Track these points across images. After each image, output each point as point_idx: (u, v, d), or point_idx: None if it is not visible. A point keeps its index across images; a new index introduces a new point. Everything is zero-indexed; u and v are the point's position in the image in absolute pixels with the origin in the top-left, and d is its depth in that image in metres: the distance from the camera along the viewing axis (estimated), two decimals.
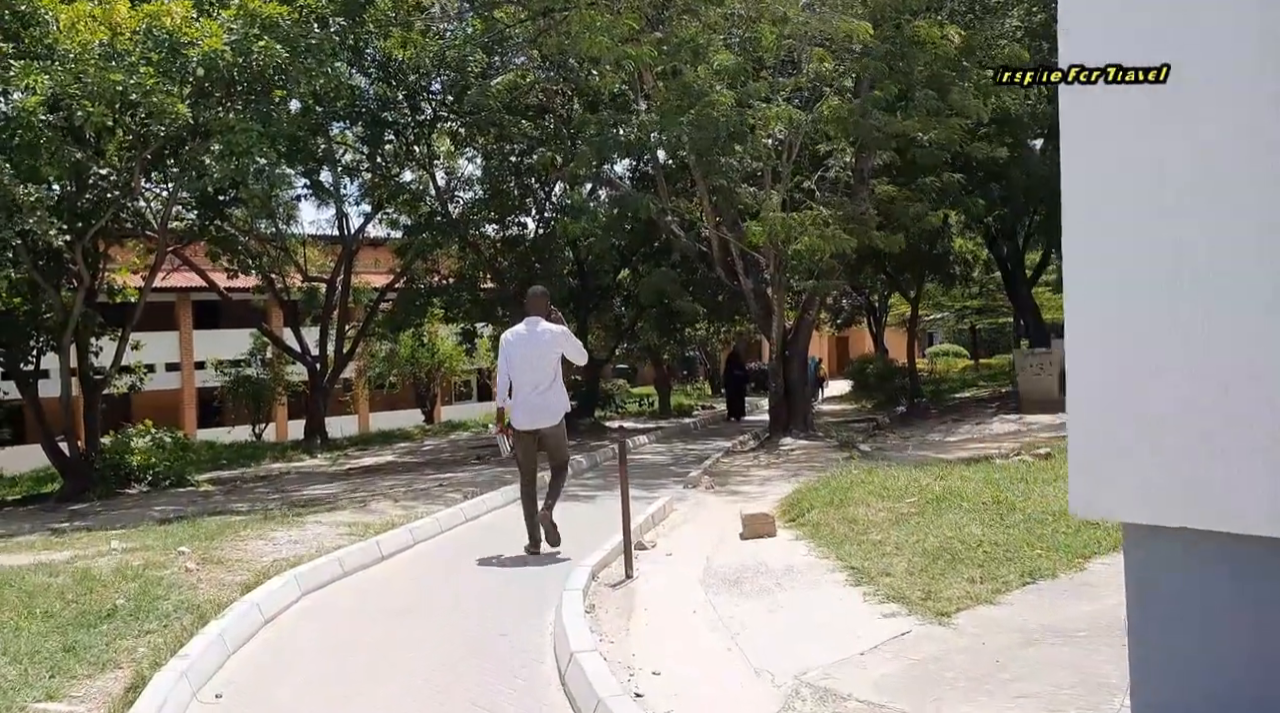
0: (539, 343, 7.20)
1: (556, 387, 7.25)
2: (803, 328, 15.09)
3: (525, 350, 7.22)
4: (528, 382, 7.18)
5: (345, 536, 7.65)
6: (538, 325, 7.27)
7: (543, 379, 7.17)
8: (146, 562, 6.64)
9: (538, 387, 7.17)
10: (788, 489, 10.12)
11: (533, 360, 7.18)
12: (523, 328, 7.33)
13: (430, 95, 17.79)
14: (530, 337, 7.24)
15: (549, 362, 7.21)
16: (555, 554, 7.26)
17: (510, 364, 7.26)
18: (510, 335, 7.41)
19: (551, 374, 7.21)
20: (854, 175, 14.79)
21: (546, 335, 7.22)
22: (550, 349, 7.22)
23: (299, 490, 13.41)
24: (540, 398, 7.19)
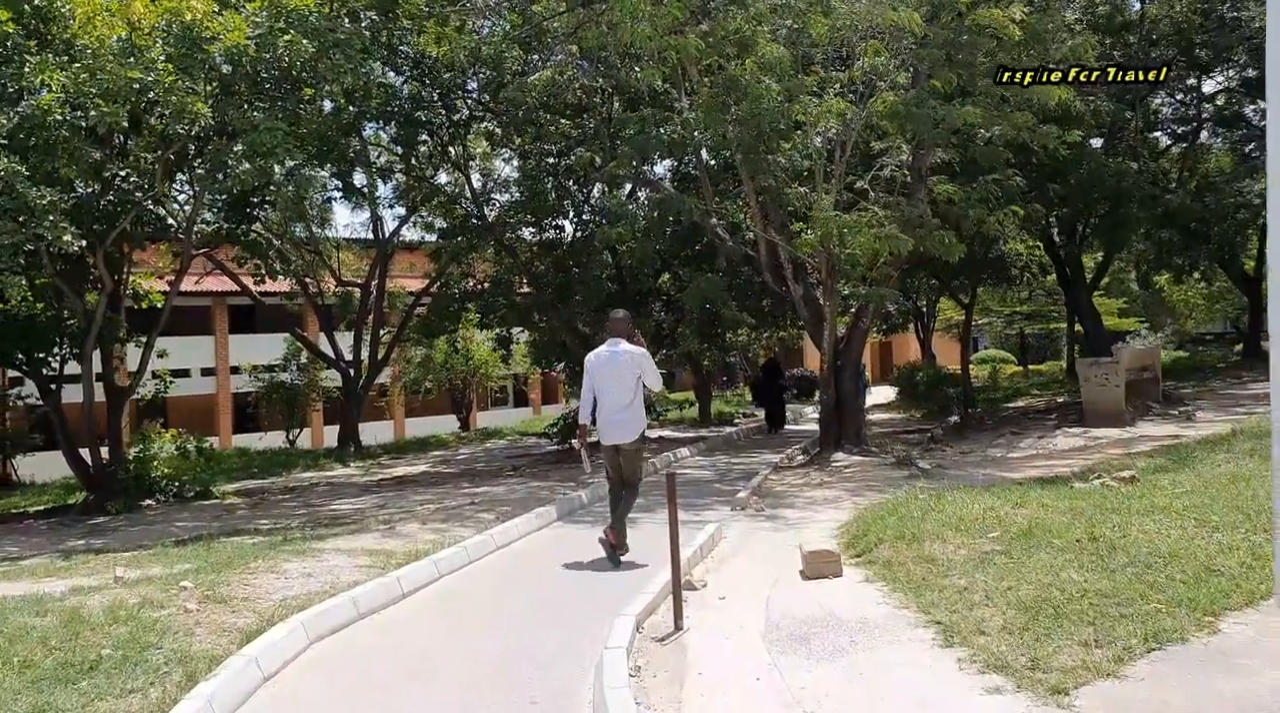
0: (619, 364, 7.47)
1: (636, 406, 7.52)
2: (855, 336, 14.25)
3: (606, 371, 7.50)
4: (609, 401, 7.49)
5: (364, 569, 6.98)
6: (618, 346, 7.53)
7: (622, 399, 7.46)
8: (143, 600, 6.00)
9: (618, 406, 7.47)
10: (845, 514, 9.32)
11: (613, 381, 7.46)
12: (604, 349, 7.61)
13: (466, 94, 17.18)
14: (611, 358, 7.51)
15: (628, 382, 7.47)
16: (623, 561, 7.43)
17: (593, 384, 7.57)
18: (593, 356, 7.69)
19: (631, 394, 7.47)
20: (910, 174, 13.91)
21: (626, 357, 7.47)
22: (629, 370, 7.46)
23: (326, 505, 12.83)
24: (620, 416, 7.49)
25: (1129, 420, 16.89)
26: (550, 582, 7.04)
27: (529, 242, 20.41)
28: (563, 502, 10.32)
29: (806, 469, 13.14)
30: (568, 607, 6.26)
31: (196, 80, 10.84)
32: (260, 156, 11.22)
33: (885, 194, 14.23)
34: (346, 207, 25.75)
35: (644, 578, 6.89)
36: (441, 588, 6.87)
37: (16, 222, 10.08)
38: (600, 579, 7.06)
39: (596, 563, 7.68)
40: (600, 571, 7.37)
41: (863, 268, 13.12)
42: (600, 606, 6.17)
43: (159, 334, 14.26)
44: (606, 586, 6.82)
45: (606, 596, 6.48)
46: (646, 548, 8.07)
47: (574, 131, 16.46)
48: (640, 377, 7.50)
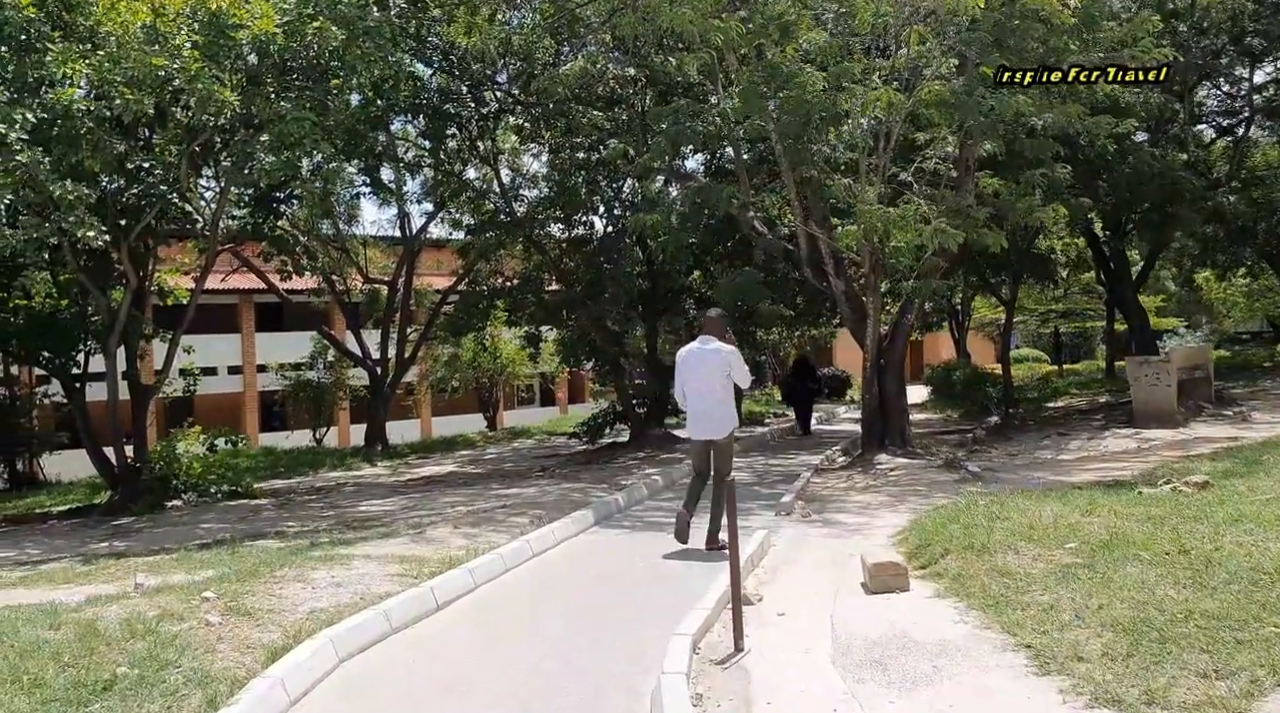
0: (708, 361, 7.62)
1: (726, 403, 7.71)
2: (899, 334, 13.72)
3: (697, 368, 7.67)
4: (699, 397, 7.68)
5: (395, 578, 6.59)
6: (709, 344, 7.68)
7: (713, 395, 7.64)
8: (163, 611, 5.64)
9: (709, 402, 7.65)
10: (899, 520, 8.84)
11: (704, 377, 7.63)
12: (696, 346, 7.79)
13: (495, 86, 16.79)
14: (701, 355, 7.67)
15: (717, 379, 7.62)
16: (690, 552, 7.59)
17: (683, 380, 7.79)
18: (684, 352, 7.89)
19: (720, 391, 7.64)
20: (957, 165, 13.37)
21: (716, 355, 7.62)
22: (719, 368, 7.61)
23: (354, 506, 12.49)
24: (711, 412, 7.66)
25: (1181, 421, 16.26)
26: (592, 593, 6.62)
27: (558, 238, 20.03)
28: (599, 506, 9.90)
29: (849, 472, 12.65)
30: (614, 621, 5.83)
31: (223, 69, 10.52)
32: (287, 148, 10.89)
33: (929, 187, 13.72)
34: (374, 203, 25.47)
35: (690, 588, 6.46)
36: (477, 599, 6.46)
37: (40, 216, 9.80)
38: (646, 590, 6.63)
39: (639, 572, 7.27)
40: (645, 580, 6.95)
41: (908, 262, 12.60)
42: (648, 621, 5.74)
43: (184, 331, 13.98)
44: (653, 597, 6.39)
45: (654, 609, 6.04)
46: (692, 560, 7.64)
47: (607, 123, 16.02)
48: (730, 374, 7.65)
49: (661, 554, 7.95)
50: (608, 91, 16.31)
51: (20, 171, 9.12)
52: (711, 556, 7.58)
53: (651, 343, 20.09)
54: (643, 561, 7.70)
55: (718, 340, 7.70)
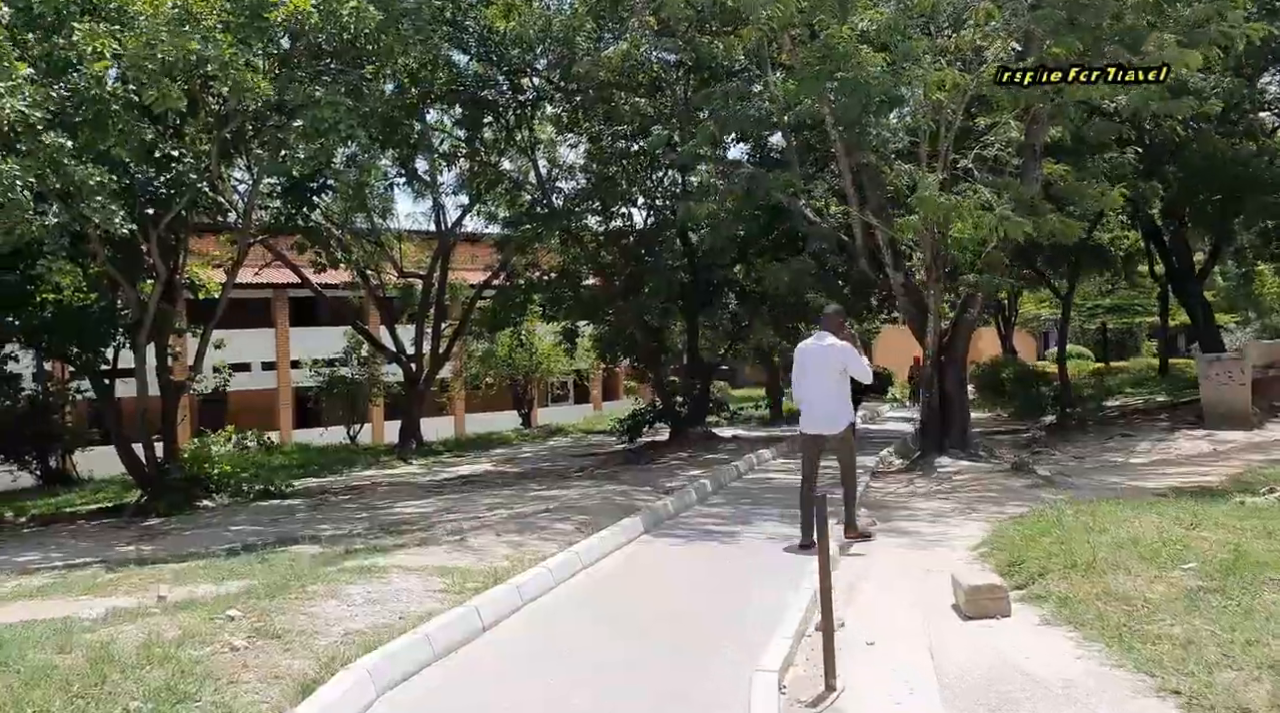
0: (825, 357, 7.69)
1: (840, 398, 7.76)
2: (961, 329, 13.00)
3: (813, 363, 7.75)
4: (814, 392, 7.79)
5: (437, 594, 6.03)
6: (825, 340, 7.76)
7: (828, 390, 7.71)
8: (184, 633, 5.12)
9: (823, 397, 7.74)
10: (975, 530, 8.18)
11: (819, 372, 7.71)
12: (812, 342, 7.91)
13: (534, 73, 16.23)
14: (818, 350, 7.76)
15: (834, 375, 7.67)
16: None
17: (800, 376, 7.89)
18: (802, 348, 8.00)
19: (835, 387, 7.70)
20: (1022, 152, 12.63)
21: (833, 351, 7.68)
22: (835, 363, 7.66)
23: (389, 507, 12.00)
24: (825, 408, 7.75)
25: (1256, 422, 15.44)
26: (650, 613, 6.02)
27: (595, 231, 19.48)
28: (648, 513, 9.31)
29: (909, 476, 11.97)
30: (679, 649, 5.24)
31: (255, 53, 10.04)
32: (321, 134, 10.38)
33: (991, 174, 13.00)
34: (408, 195, 25.08)
35: (766, 618, 5.86)
36: (527, 618, 5.89)
37: (63, 202, 9.37)
38: (710, 611, 6.02)
39: (699, 588, 6.67)
40: (707, 598, 6.35)
41: (971, 254, 11.91)
42: (718, 649, 5.15)
43: (216, 326, 13.56)
44: (720, 620, 5.79)
45: (722, 634, 5.45)
46: (756, 574, 7.04)
47: (650, 109, 15.40)
48: (846, 369, 7.67)
49: (722, 566, 7.36)
50: (650, 78, 15.69)
51: (43, 154, 8.68)
52: (769, 574, 6.99)
53: (692, 339, 19.48)
54: (701, 574, 7.11)
55: (833, 336, 7.77)
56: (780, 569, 7.12)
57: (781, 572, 7.01)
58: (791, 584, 6.49)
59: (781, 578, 6.79)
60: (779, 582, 6.67)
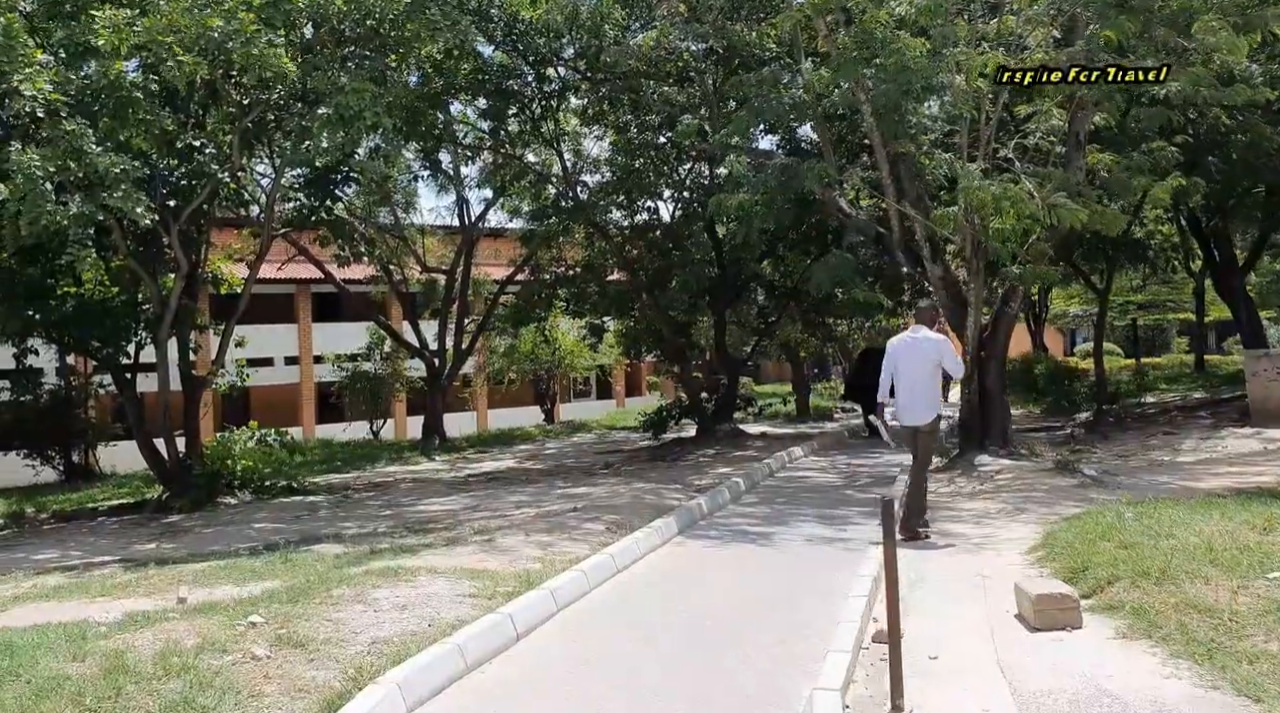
0: (920, 350, 7.85)
1: (931, 390, 7.92)
2: (1002, 324, 12.57)
3: (908, 356, 7.88)
4: (907, 384, 7.88)
5: (467, 599, 5.74)
6: (920, 333, 7.96)
7: (921, 383, 7.85)
8: (203, 640, 4.85)
9: (917, 389, 7.86)
10: (1026, 533, 7.81)
11: (912, 365, 7.84)
12: (907, 335, 8.06)
13: (560, 62, 15.90)
14: (913, 344, 7.91)
15: (926, 368, 7.84)
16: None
17: (894, 367, 7.94)
18: (896, 341, 8.10)
19: (927, 379, 7.86)
20: (1068, 140, 12.19)
21: (927, 344, 7.87)
22: (929, 356, 7.83)
23: (414, 505, 11.76)
24: (915, 399, 7.88)
25: None
26: (693, 622, 5.70)
27: (621, 225, 19.15)
28: (682, 513, 8.99)
29: (949, 475, 11.57)
30: (728, 662, 4.92)
31: (278, 35, 9.78)
32: (346, 122, 10.12)
33: (1032, 164, 12.57)
34: (431, 189, 24.88)
35: (808, 619, 5.54)
36: (561, 626, 5.59)
37: (86, 191, 9.14)
38: (754, 619, 5.69)
39: (740, 594, 6.34)
40: (750, 606, 6.02)
41: (1013, 246, 11.47)
42: (767, 662, 4.82)
43: (238, 321, 13.35)
44: (766, 629, 5.46)
45: (770, 645, 5.13)
46: (800, 582, 6.70)
47: (679, 98, 15.04)
48: (939, 362, 7.83)
49: (761, 570, 7.03)
50: (679, 67, 15.32)
51: (65, 141, 8.45)
52: (815, 570, 6.65)
53: (720, 334, 19.13)
54: (740, 580, 6.78)
55: (927, 329, 8.00)
56: (823, 574, 6.78)
57: (825, 577, 6.68)
58: (838, 591, 6.16)
59: (826, 584, 6.46)
60: (823, 588, 6.35)
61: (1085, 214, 10.30)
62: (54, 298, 12.10)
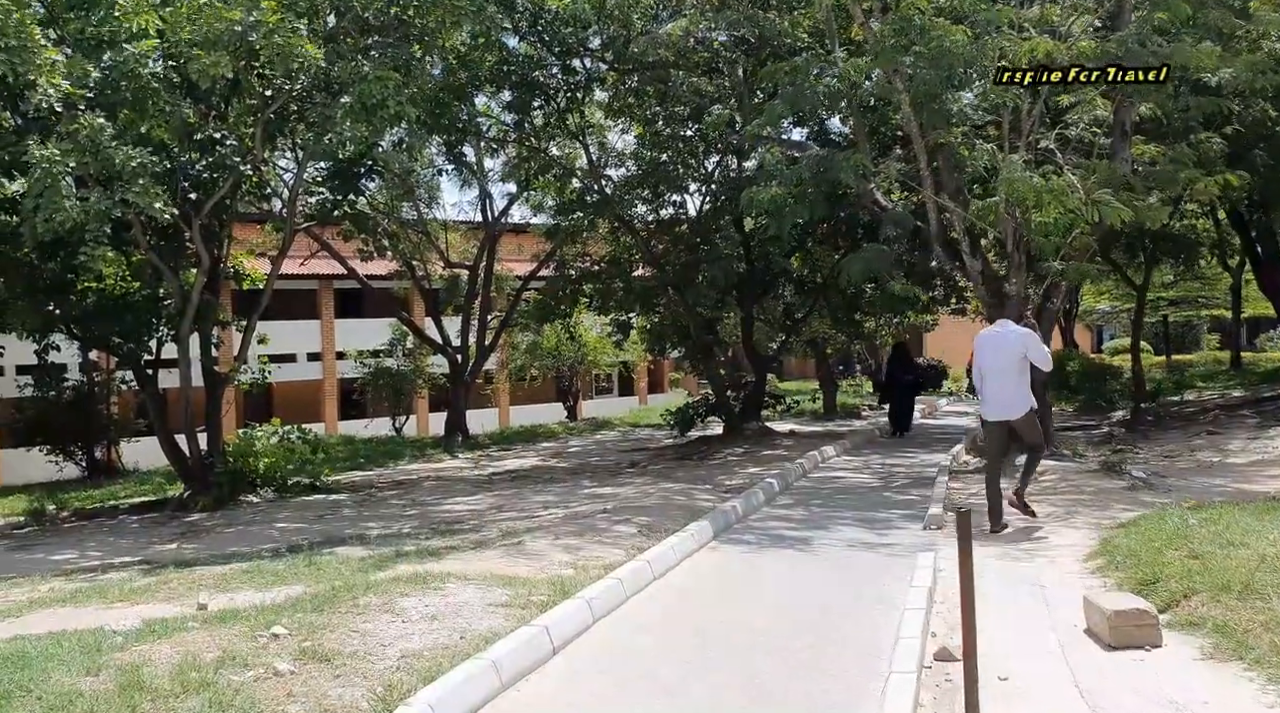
0: (1005, 343, 7.93)
1: (1021, 383, 7.94)
2: (1043, 321, 12.15)
3: (994, 350, 7.97)
4: (995, 378, 7.96)
5: (500, 609, 5.45)
6: (1007, 326, 8.07)
7: (1009, 376, 7.89)
8: (223, 653, 4.59)
9: (1005, 383, 7.91)
10: (1080, 539, 7.46)
11: (1000, 359, 7.92)
12: (995, 328, 8.19)
13: (587, 52, 15.59)
14: (1000, 337, 8.01)
15: (1014, 361, 7.87)
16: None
17: (980, 362, 8.07)
18: (983, 335, 8.23)
19: (1016, 373, 7.89)
20: (1114, 129, 11.78)
21: (1013, 337, 7.95)
22: (1015, 349, 7.88)
23: (438, 504, 11.52)
24: (1005, 393, 7.93)
25: None
26: (736, 634, 5.39)
27: (646, 219, 18.83)
28: (716, 516, 8.66)
29: None
30: (776, 683, 4.60)
31: (301, 23, 9.54)
32: (369, 112, 9.86)
33: (1075, 155, 12.16)
34: (454, 184, 24.67)
35: (859, 633, 5.22)
36: (599, 639, 5.28)
37: (104, 186, 8.93)
38: (802, 633, 5.37)
39: (785, 604, 6.02)
40: (797, 618, 5.70)
41: (1056, 240, 11.08)
42: (821, 684, 4.51)
43: (260, 317, 13.14)
44: (815, 645, 5.14)
45: (823, 663, 4.81)
46: (841, 585, 6.37)
47: (709, 87, 14.68)
48: (1027, 355, 7.85)
49: (804, 579, 6.71)
50: (708, 58, 14.98)
51: (83, 135, 8.23)
52: (861, 579, 6.33)
53: (748, 330, 18.78)
54: (783, 589, 6.46)
55: (1013, 323, 8.10)
56: (870, 583, 6.46)
57: (873, 586, 6.36)
58: (889, 602, 5.84)
59: (874, 593, 6.14)
60: (872, 598, 6.02)
61: (1129, 213, 9.89)
62: (74, 293, 11.93)
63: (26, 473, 20.13)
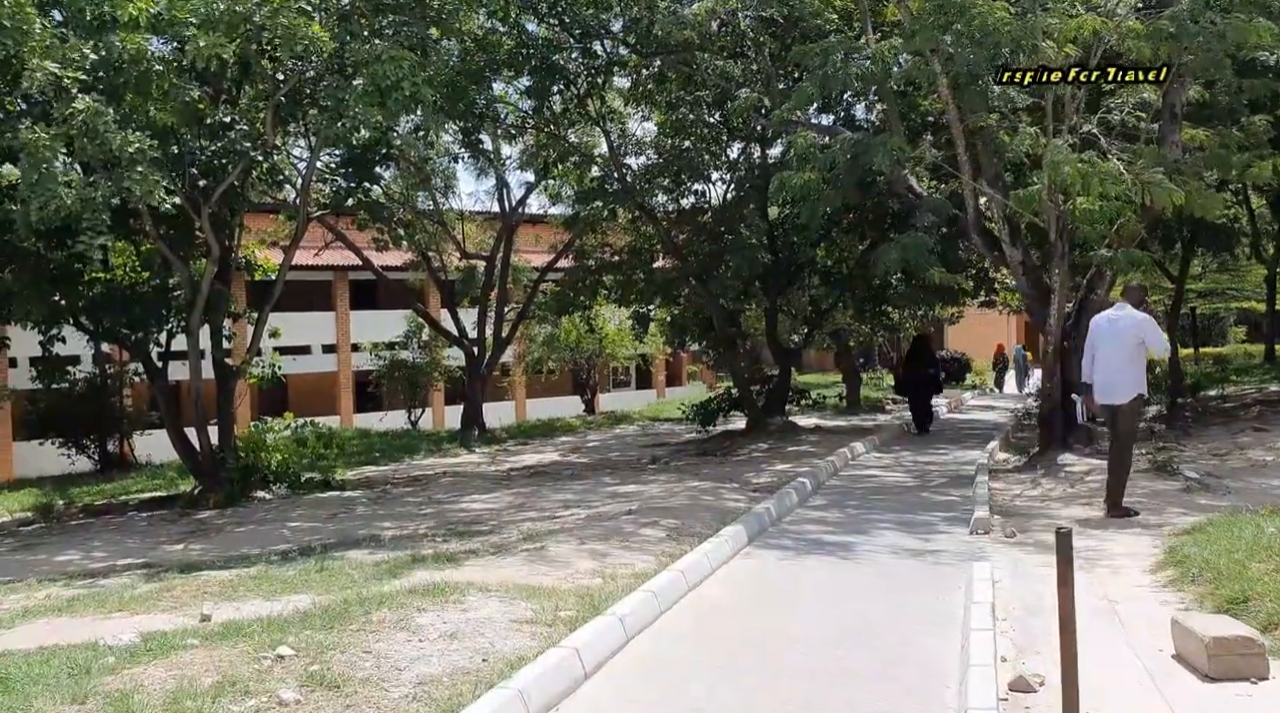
0: (1122, 328, 7.88)
1: (1131, 369, 7.87)
2: (1087, 312, 11.56)
3: (1109, 334, 7.93)
4: (1107, 363, 7.91)
5: (524, 624, 5.02)
6: (1124, 311, 8.04)
7: (1121, 361, 7.84)
8: (223, 678, 4.17)
9: (1116, 367, 7.86)
10: (1142, 546, 6.97)
11: (1114, 344, 7.87)
12: (1111, 312, 8.21)
13: (609, 34, 15.11)
14: (1115, 321, 7.99)
15: (1127, 346, 7.83)
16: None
17: (1094, 347, 8.04)
18: (1099, 319, 8.25)
19: (1128, 357, 7.84)
20: (1160, 113, 11.22)
21: (1127, 322, 7.90)
22: (1130, 335, 7.83)
23: (455, 502, 11.12)
24: (1114, 378, 7.88)
25: None
26: (784, 657, 4.93)
27: (669, 209, 18.34)
28: (750, 519, 8.21)
29: (1030, 475, 10.69)
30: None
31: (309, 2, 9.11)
32: (383, 94, 9.42)
33: (1119, 141, 11.62)
34: (471, 172, 24.24)
35: (920, 654, 4.76)
36: (634, 662, 4.84)
37: (104, 169, 8.52)
38: (858, 656, 4.91)
39: (832, 622, 5.56)
40: (847, 637, 5.24)
41: (1102, 228, 10.55)
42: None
43: (273, 308, 12.75)
44: (875, 671, 4.68)
45: (889, 692, 4.35)
46: (892, 598, 5.90)
47: (735, 70, 14.16)
48: (1143, 341, 7.80)
49: (850, 590, 6.25)
50: (734, 40, 14.45)
51: (78, 120, 7.83)
52: (912, 590, 5.86)
53: (772, 322, 18.28)
54: (828, 602, 5.99)
55: (1131, 308, 8.01)
56: (924, 596, 5.99)
57: (927, 600, 5.89)
58: (948, 618, 5.39)
59: (931, 609, 5.68)
60: (930, 614, 5.56)
61: (1182, 196, 9.36)
62: (82, 283, 11.56)
63: (39, 466, 19.88)
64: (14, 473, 20.66)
